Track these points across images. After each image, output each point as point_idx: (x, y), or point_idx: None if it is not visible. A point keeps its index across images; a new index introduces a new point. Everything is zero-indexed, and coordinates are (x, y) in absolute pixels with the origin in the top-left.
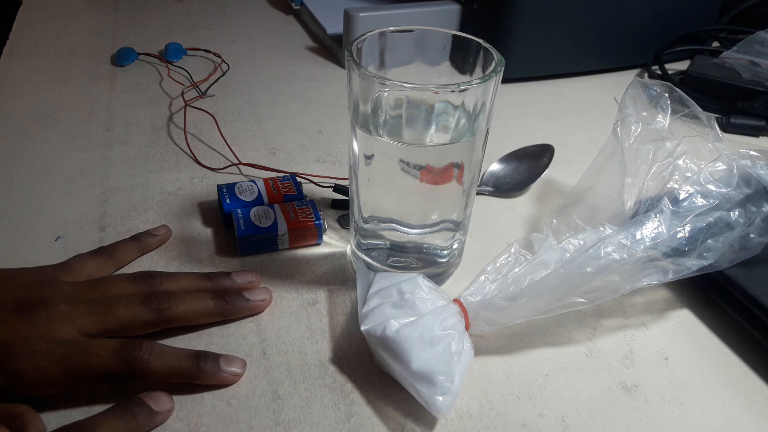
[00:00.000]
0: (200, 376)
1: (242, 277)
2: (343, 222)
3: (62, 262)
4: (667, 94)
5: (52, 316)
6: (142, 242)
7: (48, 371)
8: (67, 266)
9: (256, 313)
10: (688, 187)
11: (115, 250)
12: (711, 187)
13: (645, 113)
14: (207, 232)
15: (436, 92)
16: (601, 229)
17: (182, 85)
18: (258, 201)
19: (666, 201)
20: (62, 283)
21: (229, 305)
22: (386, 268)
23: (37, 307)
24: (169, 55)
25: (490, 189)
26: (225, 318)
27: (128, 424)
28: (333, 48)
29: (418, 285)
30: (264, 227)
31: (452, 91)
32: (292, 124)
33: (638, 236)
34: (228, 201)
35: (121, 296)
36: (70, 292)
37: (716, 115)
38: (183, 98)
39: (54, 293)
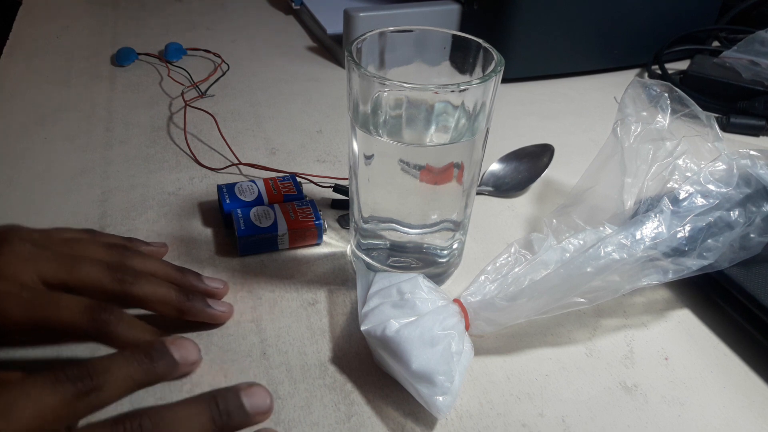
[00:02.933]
0: (188, 309)
1: (211, 282)
2: (343, 222)
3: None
4: (666, 94)
5: (15, 254)
6: (132, 243)
7: (11, 313)
8: (47, 230)
9: (213, 323)
10: (688, 187)
11: (101, 235)
12: (711, 186)
13: (645, 113)
14: (207, 232)
15: (436, 92)
16: (601, 229)
17: (182, 85)
18: (258, 201)
19: (666, 201)
20: (33, 232)
21: (189, 303)
22: (386, 268)
23: (2, 246)
24: (169, 55)
25: (490, 189)
26: (181, 315)
27: (146, 373)
28: (333, 48)
29: (418, 285)
30: (264, 227)
31: (452, 91)
32: (292, 124)
33: (638, 236)
34: (228, 201)
35: (90, 258)
36: (39, 239)
37: (716, 115)
38: (183, 98)
39: (21, 235)
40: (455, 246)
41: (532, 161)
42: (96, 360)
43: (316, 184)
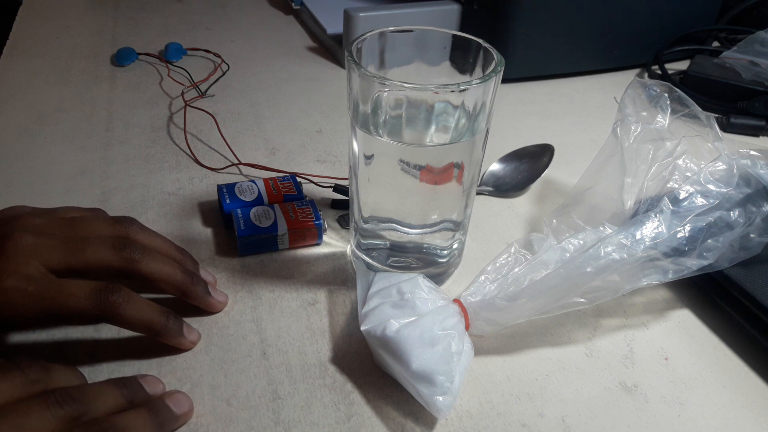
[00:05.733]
0: (166, 333)
1: (205, 273)
2: (343, 222)
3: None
4: (666, 94)
5: (18, 249)
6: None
7: (21, 308)
8: (50, 211)
9: (209, 310)
10: (688, 187)
11: (105, 213)
12: (711, 186)
13: (645, 113)
14: (207, 232)
15: (436, 92)
16: (601, 229)
17: (182, 85)
18: (258, 201)
19: (666, 201)
20: (35, 218)
21: (193, 286)
22: (386, 268)
23: (4, 242)
24: (169, 55)
25: (490, 189)
26: (183, 295)
27: (160, 427)
28: (333, 48)
29: (418, 285)
30: (264, 227)
31: (452, 91)
32: (292, 124)
33: (638, 236)
34: (228, 201)
35: (95, 237)
36: (42, 226)
37: (716, 115)
38: (183, 98)
39: (23, 226)
40: (455, 246)
41: (532, 161)
42: (116, 419)
43: (316, 184)
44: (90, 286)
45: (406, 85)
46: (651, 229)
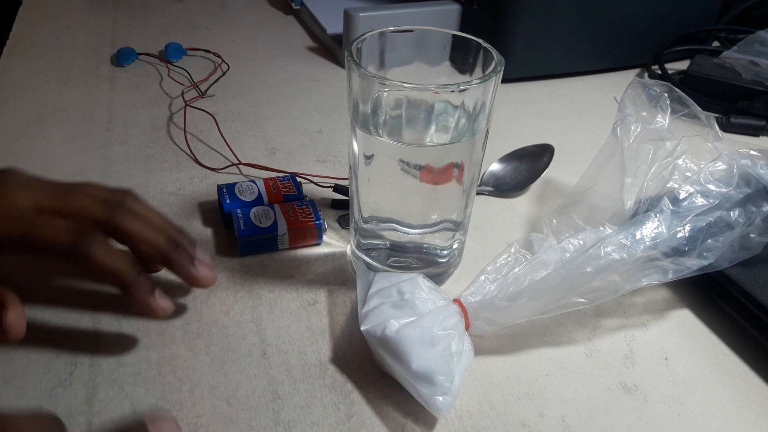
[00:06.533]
0: (134, 288)
1: (201, 254)
2: (343, 222)
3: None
4: (666, 94)
5: (15, 180)
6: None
7: (1, 226)
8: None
9: (193, 284)
10: (688, 187)
11: None
12: (711, 186)
13: (645, 113)
14: (207, 232)
15: (436, 92)
16: (601, 229)
17: (182, 85)
18: (258, 201)
19: (666, 201)
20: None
21: (174, 253)
22: (386, 268)
23: (5, 173)
24: (169, 55)
25: (490, 189)
26: (164, 263)
27: None
28: (333, 48)
29: (418, 285)
30: (264, 227)
31: (452, 91)
32: (292, 124)
33: (638, 236)
34: (228, 201)
35: (88, 192)
36: (42, 177)
37: (716, 115)
38: (183, 98)
39: (20, 171)
40: (455, 246)
41: (532, 161)
42: None
43: (316, 184)
44: (70, 224)
45: (406, 85)
46: (651, 229)
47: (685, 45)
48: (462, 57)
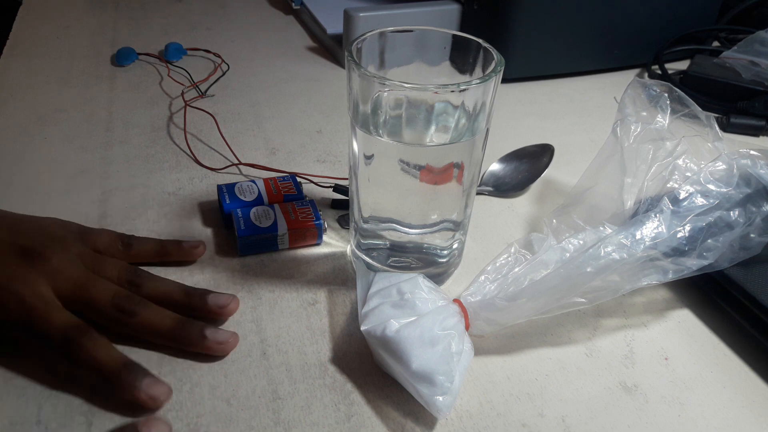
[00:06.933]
0: (115, 385)
1: (218, 300)
2: (343, 222)
3: (92, 228)
4: (666, 94)
5: (40, 269)
6: (164, 247)
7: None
8: (90, 232)
9: (214, 355)
10: (688, 187)
11: (138, 244)
12: (711, 186)
13: (645, 113)
14: (207, 232)
15: (436, 92)
16: (601, 229)
17: (182, 85)
18: (258, 201)
19: (666, 201)
20: (71, 245)
21: (183, 332)
22: (386, 268)
23: (36, 258)
24: (169, 55)
25: (490, 189)
26: (177, 345)
27: None
28: (333, 48)
29: (418, 285)
30: (264, 227)
31: (452, 91)
32: (292, 124)
33: (638, 236)
34: (228, 201)
35: (104, 282)
36: (71, 258)
37: (716, 115)
38: (183, 98)
39: (56, 251)
40: (455, 246)
41: (532, 161)
42: None
43: (316, 184)
44: (114, 288)
45: (406, 85)
46: (651, 229)
47: (685, 45)
48: (462, 57)
